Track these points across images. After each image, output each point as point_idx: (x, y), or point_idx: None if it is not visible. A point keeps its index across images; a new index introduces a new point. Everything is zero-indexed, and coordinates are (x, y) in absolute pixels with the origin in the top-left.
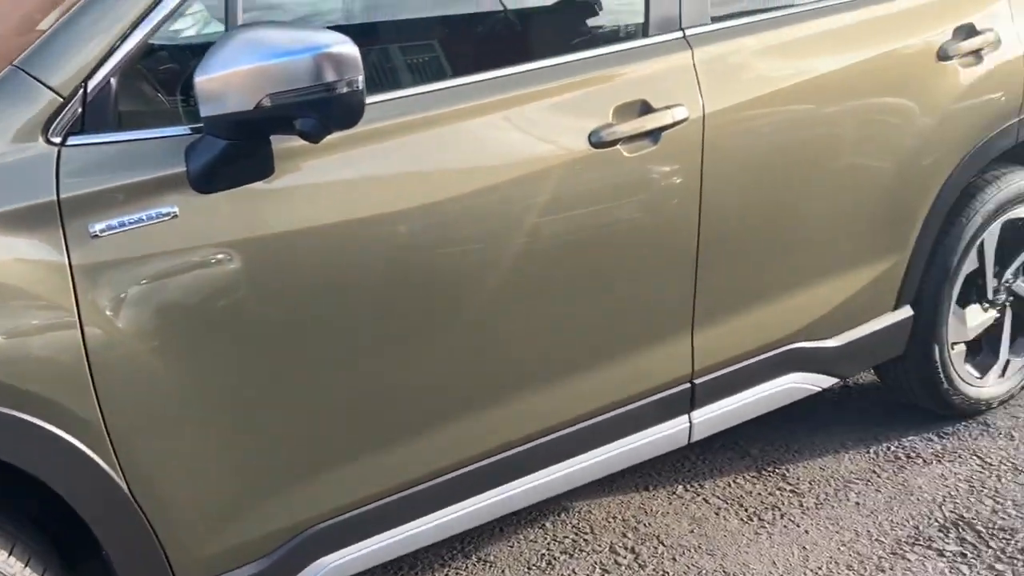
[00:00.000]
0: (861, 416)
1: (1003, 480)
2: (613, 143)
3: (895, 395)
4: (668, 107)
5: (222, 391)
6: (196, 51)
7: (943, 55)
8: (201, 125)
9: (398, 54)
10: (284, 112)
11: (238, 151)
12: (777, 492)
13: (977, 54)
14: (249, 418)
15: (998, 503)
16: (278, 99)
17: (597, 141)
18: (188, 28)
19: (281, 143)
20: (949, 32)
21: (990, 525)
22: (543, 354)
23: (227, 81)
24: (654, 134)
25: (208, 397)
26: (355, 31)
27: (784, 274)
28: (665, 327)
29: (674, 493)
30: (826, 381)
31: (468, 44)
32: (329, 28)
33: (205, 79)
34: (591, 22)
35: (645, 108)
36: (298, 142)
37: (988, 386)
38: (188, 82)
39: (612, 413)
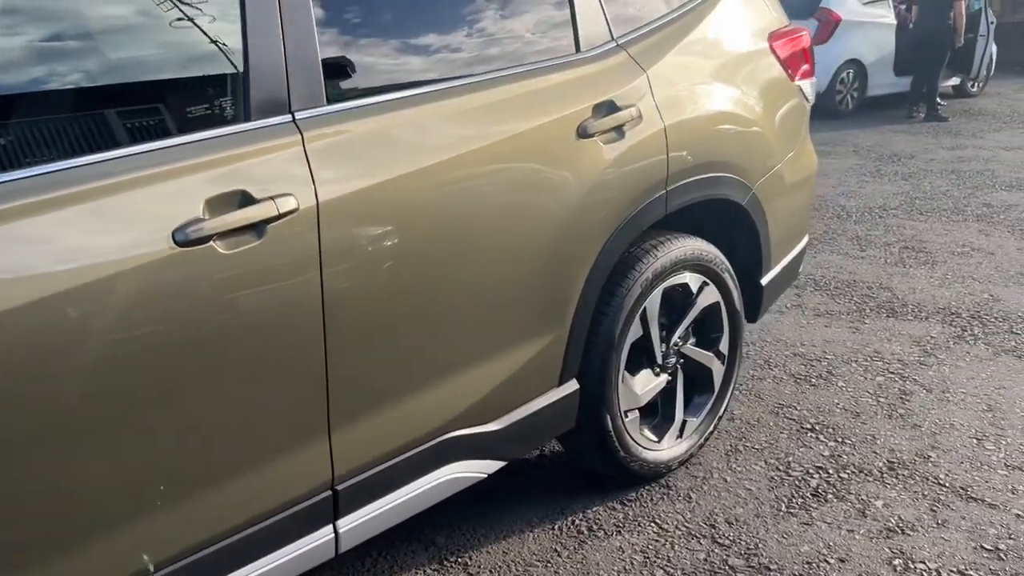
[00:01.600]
0: (551, 488)
1: (676, 548)
2: (205, 240)
3: (580, 464)
4: (272, 197)
5: None
6: None
7: (583, 132)
8: None
9: None
10: None
11: None
12: None
13: (619, 130)
14: None
15: (668, 574)
16: None
17: (183, 239)
18: None
19: None
20: (589, 109)
21: None
22: (150, 476)
23: None
24: (258, 227)
25: None
26: None
27: (431, 362)
28: (296, 433)
29: None
30: (492, 466)
31: (33, 131)
32: None
33: None
34: (187, 106)
35: (246, 199)
36: None
37: (666, 449)
38: None
39: (249, 530)
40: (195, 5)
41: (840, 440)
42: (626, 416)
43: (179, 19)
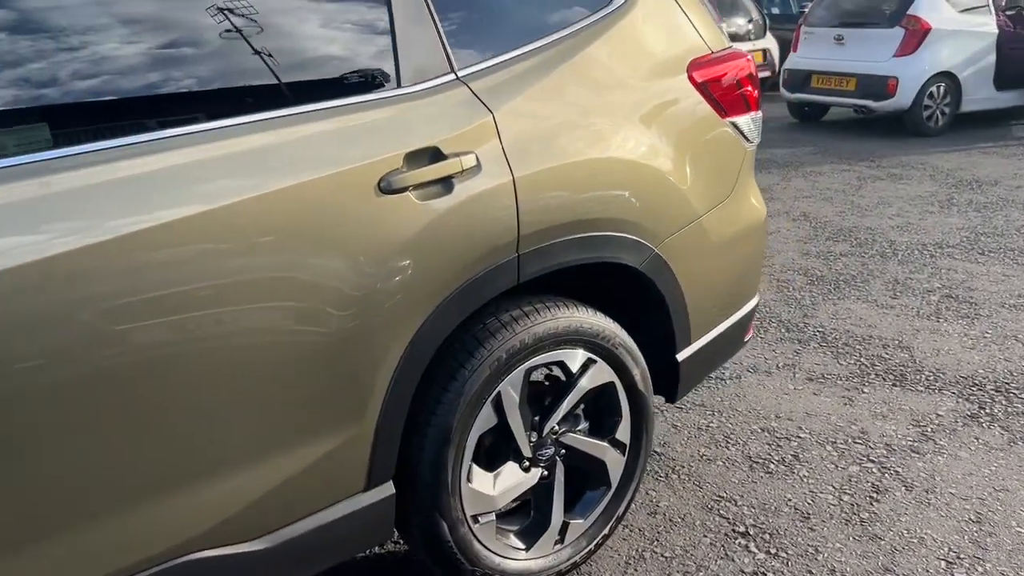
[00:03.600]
0: None
1: None
2: None
3: None
4: None
5: None
6: None
7: (387, 187)
8: None
9: None
10: None
11: None
12: None
13: (444, 183)
14: None
15: None
16: None
17: None
18: None
19: None
20: (399, 159)
21: None
22: None
23: None
24: None
25: None
26: None
27: (151, 471)
28: None
29: None
30: None
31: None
32: None
33: None
34: None
35: None
36: None
37: (539, 558)
38: None
39: None
40: None
41: (772, 552)
42: (476, 521)
43: None
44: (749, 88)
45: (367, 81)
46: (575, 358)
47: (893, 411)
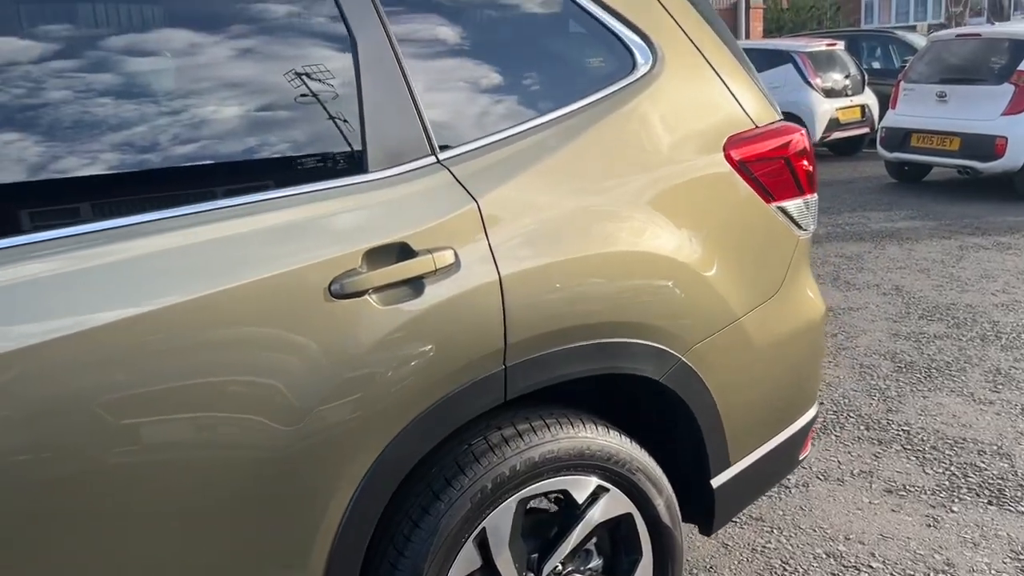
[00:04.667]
0: None
1: None
2: None
3: None
4: None
5: None
6: None
7: (340, 290)
8: None
9: None
10: None
11: None
12: None
13: (413, 284)
14: None
15: None
16: None
17: None
18: None
19: None
20: (358, 256)
21: None
22: None
23: None
24: None
25: None
26: None
27: None
28: None
29: None
30: None
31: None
32: None
33: None
34: None
35: None
36: None
37: None
38: None
39: None
40: None
41: None
42: None
43: None
44: (803, 166)
45: (325, 167)
46: (582, 487)
47: (987, 537)
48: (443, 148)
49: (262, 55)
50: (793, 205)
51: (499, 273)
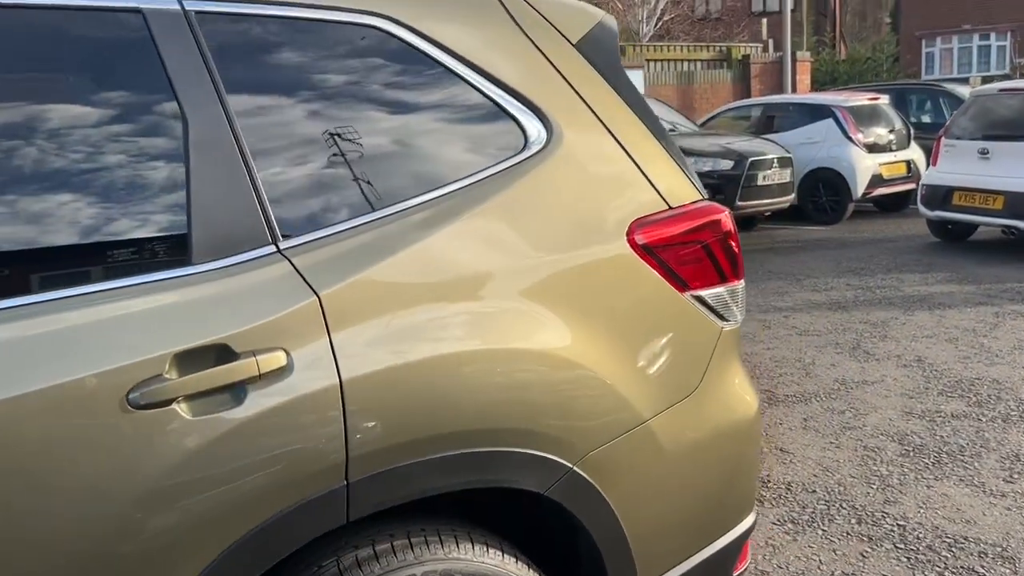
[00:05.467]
0: None
1: None
2: None
3: None
4: None
5: None
6: None
7: (139, 401)
8: None
9: None
10: None
11: None
12: None
13: (233, 391)
14: None
15: None
16: None
17: None
18: None
19: None
20: (164, 360)
21: None
22: None
23: None
24: None
25: None
26: None
27: None
28: None
29: None
30: None
31: None
32: None
33: None
34: None
35: None
36: None
37: None
38: None
39: None
40: None
41: None
42: None
43: None
44: (725, 251)
45: (141, 259)
46: None
47: None
48: (286, 237)
49: (71, 134)
50: (712, 294)
51: (340, 377)
